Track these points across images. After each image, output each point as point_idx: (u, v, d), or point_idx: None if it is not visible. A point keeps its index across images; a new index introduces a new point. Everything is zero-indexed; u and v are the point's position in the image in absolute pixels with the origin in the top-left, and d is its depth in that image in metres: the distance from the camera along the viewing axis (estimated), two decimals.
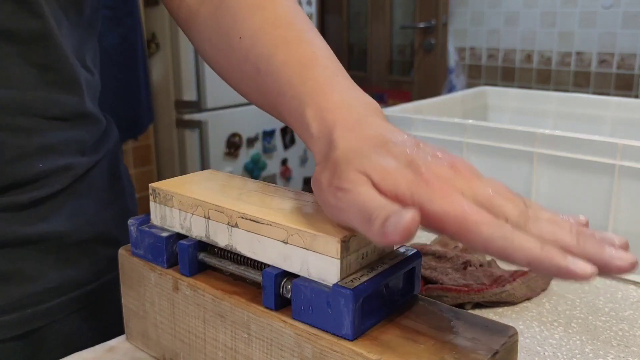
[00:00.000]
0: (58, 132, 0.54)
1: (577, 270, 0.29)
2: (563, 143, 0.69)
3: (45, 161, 0.53)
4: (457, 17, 2.82)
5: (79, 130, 0.57)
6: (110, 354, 0.49)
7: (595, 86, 2.49)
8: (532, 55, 2.63)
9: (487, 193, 0.34)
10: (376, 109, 0.41)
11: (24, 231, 0.53)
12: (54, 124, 0.54)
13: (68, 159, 0.56)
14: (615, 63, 2.42)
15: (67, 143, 0.56)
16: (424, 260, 0.64)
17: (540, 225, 0.32)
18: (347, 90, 0.42)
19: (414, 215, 0.30)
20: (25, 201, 0.52)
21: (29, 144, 0.52)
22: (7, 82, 0.50)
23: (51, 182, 0.54)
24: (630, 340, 0.55)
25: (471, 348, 0.35)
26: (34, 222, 0.53)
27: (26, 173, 0.52)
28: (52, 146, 0.54)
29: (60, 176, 0.55)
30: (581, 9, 2.46)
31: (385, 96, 3.05)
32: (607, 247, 0.31)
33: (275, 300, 0.38)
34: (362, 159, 0.36)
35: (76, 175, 0.57)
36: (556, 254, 0.30)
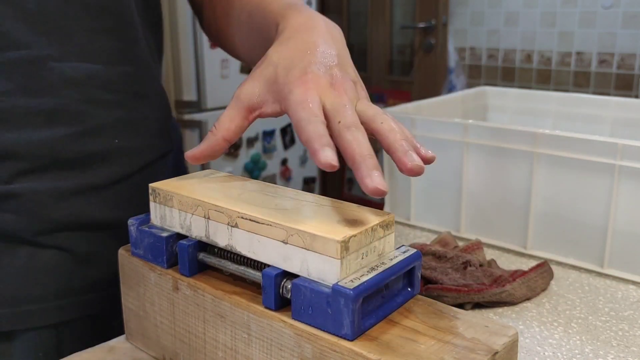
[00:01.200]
0: (135, 109, 0.58)
1: (321, 155, 0.38)
2: (563, 143, 0.69)
3: (122, 137, 0.57)
4: (457, 17, 2.82)
5: (152, 109, 0.61)
6: (110, 354, 0.49)
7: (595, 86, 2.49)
8: (532, 55, 2.63)
9: (340, 105, 0.43)
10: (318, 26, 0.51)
11: (101, 215, 0.56)
12: (133, 100, 0.58)
13: (141, 140, 0.59)
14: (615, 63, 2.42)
15: (142, 120, 0.59)
16: (424, 260, 0.64)
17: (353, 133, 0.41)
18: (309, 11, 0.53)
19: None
20: (102, 183, 0.56)
21: (109, 116, 0.56)
22: (95, 56, 0.55)
23: (125, 161, 0.58)
24: (630, 340, 0.55)
25: (471, 348, 0.35)
26: (110, 207, 0.57)
27: (103, 147, 0.56)
28: (129, 122, 0.58)
29: (134, 157, 0.59)
30: (581, 9, 2.46)
31: (385, 96, 3.05)
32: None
33: (275, 300, 0.38)
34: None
35: (145, 161, 0.60)
36: (320, 145, 0.39)
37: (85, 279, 0.56)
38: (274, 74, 0.46)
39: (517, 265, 0.71)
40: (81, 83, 0.54)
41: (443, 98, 1.03)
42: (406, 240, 0.79)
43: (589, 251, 0.70)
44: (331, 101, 0.43)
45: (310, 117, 0.41)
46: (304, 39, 0.48)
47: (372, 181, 0.37)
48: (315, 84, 0.44)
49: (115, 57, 0.56)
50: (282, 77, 0.45)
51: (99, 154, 0.56)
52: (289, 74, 0.45)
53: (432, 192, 0.83)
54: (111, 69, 0.56)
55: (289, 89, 0.44)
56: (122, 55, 0.57)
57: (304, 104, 0.42)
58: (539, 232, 0.73)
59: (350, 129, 0.41)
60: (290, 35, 0.50)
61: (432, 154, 0.43)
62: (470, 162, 0.78)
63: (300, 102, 0.42)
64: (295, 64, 0.46)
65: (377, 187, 0.37)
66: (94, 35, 0.55)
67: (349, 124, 0.41)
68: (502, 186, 0.76)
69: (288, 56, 0.47)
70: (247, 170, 2.63)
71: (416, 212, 0.85)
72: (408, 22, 2.94)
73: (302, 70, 0.45)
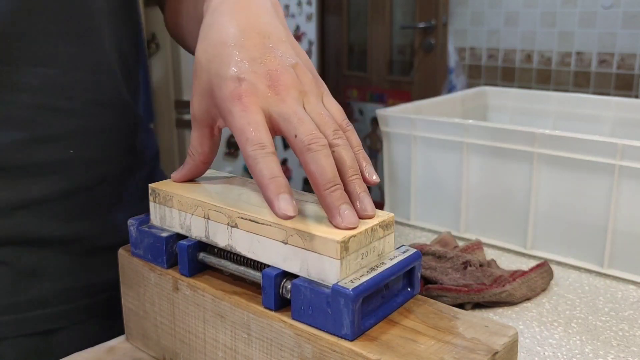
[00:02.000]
0: (95, 118, 0.55)
1: (277, 205, 0.36)
2: (563, 143, 0.69)
3: (78, 147, 0.53)
4: (457, 17, 2.82)
5: (115, 119, 0.57)
6: (110, 354, 0.49)
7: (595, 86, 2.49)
8: (532, 55, 2.63)
9: (290, 112, 0.39)
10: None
11: (48, 229, 0.53)
12: (93, 108, 0.54)
13: (102, 151, 0.56)
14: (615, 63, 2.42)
15: (103, 130, 0.55)
16: (424, 260, 0.64)
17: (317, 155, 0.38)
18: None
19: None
20: (51, 196, 0.52)
21: (63, 125, 0.52)
22: (50, 61, 0.51)
23: (81, 173, 0.54)
24: (630, 340, 0.55)
25: (471, 348, 0.35)
26: (59, 221, 0.53)
27: (55, 157, 0.52)
28: (88, 131, 0.54)
29: (92, 169, 0.55)
30: (581, 9, 2.46)
31: (385, 96, 3.05)
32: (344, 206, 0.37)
33: (275, 301, 0.38)
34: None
35: (105, 175, 0.56)
36: (276, 190, 0.36)
37: (30, 295, 0.52)
38: (209, 84, 0.41)
39: (517, 265, 0.71)
40: (33, 89, 0.50)
41: (443, 98, 1.03)
42: (406, 240, 0.79)
43: (589, 251, 0.70)
44: (277, 111, 0.39)
45: (256, 152, 0.37)
46: (224, 25, 0.42)
47: (344, 219, 0.37)
48: (253, 95, 0.39)
49: (73, 62, 0.52)
50: (217, 89, 0.40)
51: (50, 164, 0.52)
52: (222, 86, 0.40)
53: (432, 192, 0.83)
54: (68, 75, 0.52)
55: (227, 107, 0.40)
56: (80, 61, 0.53)
57: (246, 132, 0.38)
58: (539, 232, 0.73)
59: (311, 150, 0.37)
60: (211, 21, 0.43)
61: (375, 179, 0.41)
62: (470, 162, 0.78)
63: (242, 130, 0.38)
64: (225, 66, 0.40)
65: (347, 226, 0.36)
66: (51, 39, 0.50)
67: (308, 140, 0.38)
68: (502, 186, 0.76)
69: (215, 54, 0.41)
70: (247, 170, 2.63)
71: (416, 212, 0.85)
72: (408, 22, 2.94)
73: (235, 78, 0.40)
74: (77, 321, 0.55)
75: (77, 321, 0.55)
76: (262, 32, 0.42)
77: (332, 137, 0.39)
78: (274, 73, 0.40)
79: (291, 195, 0.37)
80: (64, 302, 0.54)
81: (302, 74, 0.42)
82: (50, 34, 0.50)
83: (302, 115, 0.39)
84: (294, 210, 0.36)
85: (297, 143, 0.38)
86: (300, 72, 0.41)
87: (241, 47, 0.41)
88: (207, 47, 0.42)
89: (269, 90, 0.40)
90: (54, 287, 0.54)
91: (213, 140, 0.44)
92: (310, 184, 0.38)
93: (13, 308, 0.52)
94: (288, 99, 0.39)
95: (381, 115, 0.85)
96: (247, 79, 0.39)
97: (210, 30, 0.43)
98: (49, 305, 0.54)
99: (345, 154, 0.39)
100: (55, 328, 0.54)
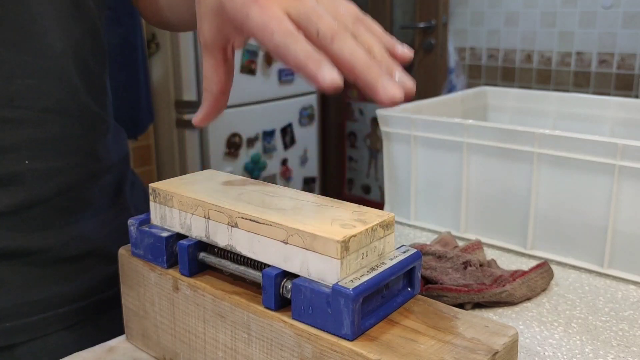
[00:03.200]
0: (49, 126, 0.52)
1: (321, 76, 0.35)
2: (563, 143, 0.69)
3: (33, 158, 0.51)
4: (457, 17, 2.82)
5: (72, 125, 0.54)
6: (110, 354, 0.49)
7: (595, 86, 2.49)
8: (532, 55, 2.63)
9: (309, 9, 0.38)
10: None
11: (4, 242, 0.51)
12: (44, 116, 0.52)
13: (61, 160, 0.53)
14: (615, 63, 2.42)
15: (60, 138, 0.53)
16: (424, 260, 0.64)
17: (344, 42, 0.37)
18: None
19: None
20: (5, 209, 0.50)
21: (15, 137, 0.50)
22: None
23: (40, 184, 0.52)
24: (630, 340, 0.55)
25: (471, 348, 0.35)
26: (15, 234, 0.51)
27: (9, 169, 0.50)
28: (43, 140, 0.52)
29: (51, 179, 0.53)
30: (581, 9, 2.46)
31: None
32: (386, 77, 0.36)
33: (275, 301, 0.38)
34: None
35: (67, 184, 0.54)
36: (315, 65, 0.35)
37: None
38: (217, 2, 0.40)
39: (517, 265, 0.71)
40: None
41: (443, 98, 1.03)
42: (406, 240, 0.79)
43: (589, 251, 0.70)
44: (296, 9, 0.38)
45: (286, 39, 0.36)
46: None
47: (384, 91, 0.35)
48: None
49: (18, 70, 0.50)
50: (227, 1, 0.39)
51: (3, 177, 0.50)
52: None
53: (432, 192, 0.83)
54: (12, 83, 0.49)
55: (243, 13, 0.38)
56: (25, 68, 0.50)
57: (270, 25, 0.37)
58: (539, 232, 0.73)
59: (335, 40, 0.37)
60: None
61: (407, 52, 0.40)
62: (470, 162, 0.78)
63: (264, 26, 0.37)
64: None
65: (394, 94, 0.35)
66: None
67: (330, 32, 0.37)
68: (502, 186, 0.76)
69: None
70: (247, 170, 2.63)
71: (416, 212, 0.85)
72: (408, 22, 2.94)
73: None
74: (40, 334, 0.53)
75: (40, 334, 0.53)
76: None
77: (353, 28, 0.39)
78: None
79: (331, 64, 0.35)
80: (24, 316, 0.53)
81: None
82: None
83: (321, 12, 0.38)
84: (339, 77, 0.35)
85: (320, 40, 0.37)
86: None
87: None
88: None
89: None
90: (13, 300, 0.52)
91: (228, 64, 0.43)
92: (344, 73, 0.37)
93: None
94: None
95: (381, 115, 0.85)
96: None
97: None
98: (8, 319, 0.52)
99: (369, 38, 0.39)
100: (15, 343, 0.52)
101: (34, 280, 0.53)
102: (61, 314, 0.55)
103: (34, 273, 0.53)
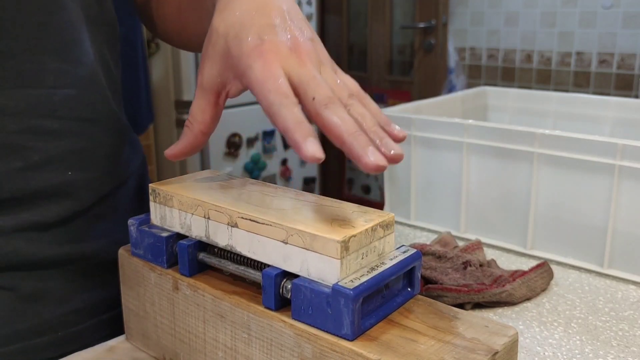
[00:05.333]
0: (87, 136, 0.52)
1: (305, 148, 0.36)
2: (563, 143, 0.69)
3: (75, 168, 0.51)
4: (457, 17, 2.81)
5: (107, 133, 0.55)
6: (110, 354, 0.49)
7: (595, 86, 2.49)
8: (532, 55, 2.63)
9: (310, 76, 0.39)
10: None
11: (51, 252, 0.51)
12: (83, 126, 0.52)
13: (97, 169, 0.54)
14: (615, 63, 2.42)
15: (95, 147, 0.53)
16: (424, 260, 0.64)
17: (336, 110, 0.38)
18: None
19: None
20: (51, 220, 0.50)
21: (59, 147, 0.50)
22: (36, 80, 0.48)
23: (80, 195, 0.52)
24: (630, 340, 0.55)
25: (471, 348, 0.35)
26: (61, 243, 0.51)
27: (53, 181, 0.50)
28: (81, 151, 0.52)
29: (91, 189, 0.53)
30: (581, 9, 2.46)
31: (385, 96, 3.05)
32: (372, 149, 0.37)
33: (275, 301, 0.38)
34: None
35: (103, 191, 0.55)
36: (302, 136, 0.36)
37: (31, 321, 0.50)
38: (225, 47, 0.41)
39: (517, 265, 0.71)
40: (19, 112, 0.47)
41: (443, 98, 1.03)
42: (406, 240, 0.79)
43: (589, 251, 0.70)
44: (297, 73, 0.39)
45: (281, 100, 0.37)
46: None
47: (373, 157, 0.36)
48: (275, 54, 0.39)
49: (60, 79, 0.50)
50: (235, 48, 0.40)
51: (47, 189, 0.50)
52: (242, 44, 0.40)
53: (432, 192, 0.83)
54: (55, 93, 0.49)
55: (246, 63, 0.39)
56: (67, 77, 0.50)
57: (269, 82, 0.38)
58: (539, 232, 0.73)
59: (329, 107, 0.37)
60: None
61: (402, 133, 0.40)
62: (470, 162, 0.78)
63: (264, 81, 0.38)
64: (246, 29, 0.41)
65: (377, 164, 0.35)
66: (34, 57, 0.48)
67: (326, 100, 0.38)
68: (502, 186, 0.76)
69: (235, 22, 0.41)
70: (247, 170, 2.63)
71: (416, 212, 0.85)
72: (408, 22, 2.94)
73: (257, 37, 0.40)
74: (88, 342, 0.53)
75: (88, 342, 0.53)
76: (281, 7, 0.42)
77: (347, 100, 0.40)
78: (295, 40, 0.41)
79: (318, 139, 0.36)
80: (72, 324, 0.53)
81: (320, 48, 0.42)
82: (33, 51, 0.48)
83: (320, 80, 0.39)
84: (321, 152, 0.36)
85: (314, 104, 0.38)
86: (318, 46, 0.42)
87: (262, 15, 0.41)
88: (226, 16, 0.42)
89: (291, 53, 0.40)
90: (61, 310, 0.52)
91: (217, 108, 0.43)
92: (332, 139, 0.38)
93: (14, 337, 0.49)
94: (308, 64, 0.40)
95: None
96: (270, 39, 0.40)
97: (230, 2, 0.43)
98: (53, 331, 0.51)
99: (361, 110, 0.40)
100: (69, 351, 0.51)
101: (78, 288, 0.53)
102: (105, 320, 0.55)
103: (77, 281, 0.53)
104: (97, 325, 0.55)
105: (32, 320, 0.50)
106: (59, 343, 0.52)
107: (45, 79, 0.49)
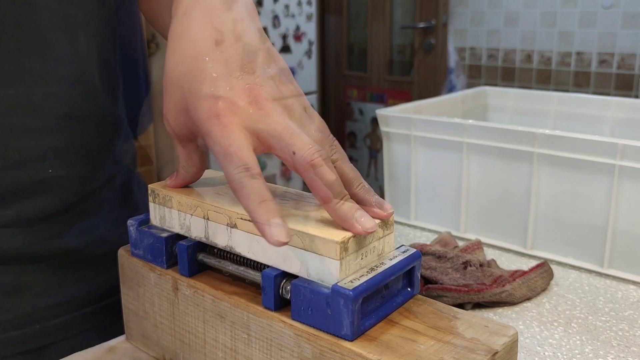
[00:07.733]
0: (70, 133, 0.52)
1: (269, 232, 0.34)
2: (563, 143, 0.69)
3: (57, 166, 0.51)
4: (457, 17, 2.82)
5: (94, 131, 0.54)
6: (110, 354, 0.49)
7: (595, 86, 2.49)
8: (532, 55, 2.63)
9: (279, 127, 0.36)
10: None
11: (32, 247, 0.51)
12: (66, 123, 0.51)
13: (82, 167, 0.53)
14: (615, 63, 2.42)
15: (81, 145, 0.53)
16: (424, 260, 0.64)
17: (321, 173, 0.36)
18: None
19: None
20: (32, 216, 0.50)
21: (40, 146, 0.50)
22: (15, 80, 0.47)
23: (63, 192, 0.52)
24: (630, 340, 0.55)
25: (471, 348, 0.35)
26: (42, 239, 0.52)
27: (33, 179, 0.50)
28: (65, 149, 0.51)
29: (74, 186, 0.53)
30: (581, 9, 2.46)
31: (385, 96, 3.05)
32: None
33: (275, 301, 0.38)
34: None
35: (88, 188, 0.54)
36: (266, 216, 0.34)
37: (11, 313, 0.51)
38: (183, 102, 0.38)
39: (517, 265, 0.71)
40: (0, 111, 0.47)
41: (443, 98, 1.03)
42: (406, 240, 0.79)
43: (589, 251, 0.70)
44: (264, 128, 0.36)
45: (240, 173, 0.35)
46: (195, 35, 0.38)
47: (358, 225, 0.36)
48: (232, 113, 0.36)
49: (42, 78, 0.48)
50: (192, 109, 0.37)
51: (27, 187, 0.49)
52: (197, 106, 0.37)
53: (432, 192, 0.83)
54: (36, 92, 0.48)
55: (205, 129, 0.36)
56: (50, 75, 0.49)
57: (227, 154, 0.35)
58: (539, 232, 0.73)
59: (315, 165, 0.35)
60: (180, 29, 0.39)
61: (389, 211, 0.38)
62: (470, 162, 0.78)
63: (223, 153, 0.35)
64: (199, 84, 0.37)
65: (366, 230, 0.35)
66: (11, 57, 0.47)
67: (308, 156, 0.35)
68: (502, 186, 0.76)
69: (187, 70, 0.38)
70: None
71: (416, 212, 0.85)
72: (408, 22, 2.94)
73: (211, 95, 0.36)
74: (68, 335, 0.54)
75: (68, 335, 0.54)
76: (237, 42, 0.38)
77: (330, 151, 0.38)
78: (254, 87, 0.37)
79: (283, 220, 0.34)
80: (52, 317, 0.53)
81: (283, 86, 0.39)
82: (11, 51, 0.47)
83: (294, 129, 0.36)
84: (287, 235, 0.34)
85: (297, 160, 0.35)
86: (281, 84, 0.38)
87: (215, 61, 0.37)
88: (178, 61, 0.39)
89: (250, 107, 0.36)
90: (41, 303, 0.52)
91: (200, 152, 0.42)
92: (318, 199, 0.37)
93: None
94: (274, 114, 0.36)
95: (381, 115, 0.85)
96: (224, 96, 0.36)
97: (180, 41, 0.39)
98: (34, 323, 0.52)
99: (345, 167, 0.39)
100: (45, 344, 0.53)
101: (59, 282, 0.54)
102: (87, 313, 0.55)
103: (58, 275, 0.53)
104: (79, 318, 0.55)
105: (12, 313, 0.51)
106: (39, 335, 0.52)
107: (24, 78, 0.48)
